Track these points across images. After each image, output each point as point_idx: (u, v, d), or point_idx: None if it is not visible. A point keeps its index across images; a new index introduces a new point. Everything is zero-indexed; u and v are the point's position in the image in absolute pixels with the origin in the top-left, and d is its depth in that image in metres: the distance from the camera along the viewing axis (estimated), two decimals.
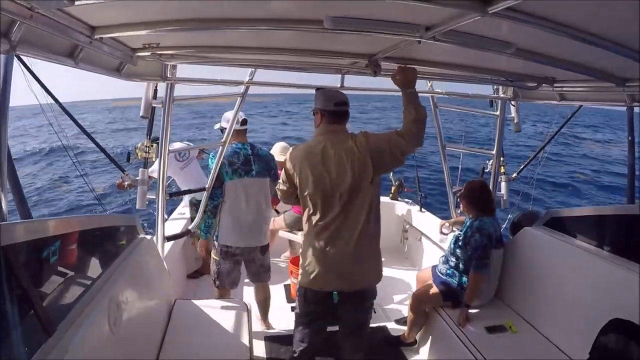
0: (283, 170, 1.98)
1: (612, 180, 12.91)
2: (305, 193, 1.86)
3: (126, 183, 4.15)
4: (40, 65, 1.89)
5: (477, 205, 2.62)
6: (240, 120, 2.75)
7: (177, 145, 3.96)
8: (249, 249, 2.77)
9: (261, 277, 2.93)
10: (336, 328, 2.08)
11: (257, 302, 3.03)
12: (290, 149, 2.00)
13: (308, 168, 1.85)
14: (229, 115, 2.78)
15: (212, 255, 2.80)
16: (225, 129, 2.75)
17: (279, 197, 2.08)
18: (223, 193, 2.72)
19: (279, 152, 3.72)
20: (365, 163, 1.82)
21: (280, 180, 2.03)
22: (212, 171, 2.70)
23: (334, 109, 1.92)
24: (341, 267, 1.88)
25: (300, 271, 1.98)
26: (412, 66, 1.96)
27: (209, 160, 2.75)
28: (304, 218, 1.95)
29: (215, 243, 2.77)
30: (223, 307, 2.56)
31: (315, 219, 1.87)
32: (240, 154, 2.72)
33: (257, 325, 3.01)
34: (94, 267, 1.64)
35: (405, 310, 2.86)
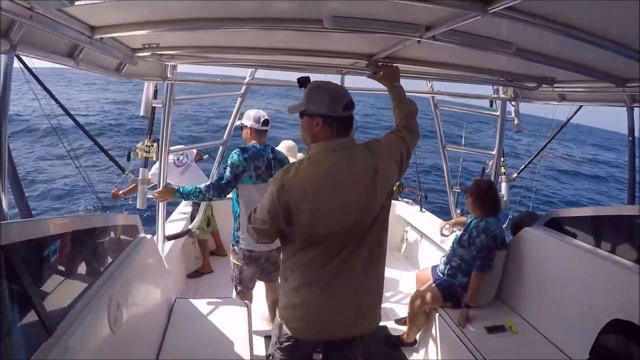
0: (267, 206, 1.45)
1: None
2: (316, 233, 1.43)
3: (121, 192, 4.19)
4: None
5: (484, 204, 2.61)
6: (262, 120, 2.60)
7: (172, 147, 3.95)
8: (269, 251, 2.70)
9: (272, 275, 2.89)
10: None
11: (269, 303, 3.00)
12: (284, 174, 1.44)
13: (325, 202, 1.41)
14: (250, 112, 2.65)
15: (234, 260, 2.74)
16: (246, 126, 2.62)
17: (252, 237, 1.61)
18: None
19: (285, 151, 3.65)
20: (391, 176, 1.53)
21: (261, 218, 1.49)
22: (230, 168, 2.45)
23: (343, 114, 1.46)
24: (366, 306, 1.57)
25: (295, 324, 1.57)
26: (397, 64, 1.93)
27: (234, 156, 2.49)
28: (302, 258, 1.50)
29: (236, 248, 2.66)
30: (223, 306, 2.56)
31: (327, 258, 1.46)
32: (264, 157, 2.56)
33: (262, 325, 3.01)
34: (94, 266, 1.64)
35: (405, 310, 2.86)
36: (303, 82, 1.56)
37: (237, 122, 2.81)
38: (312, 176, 1.42)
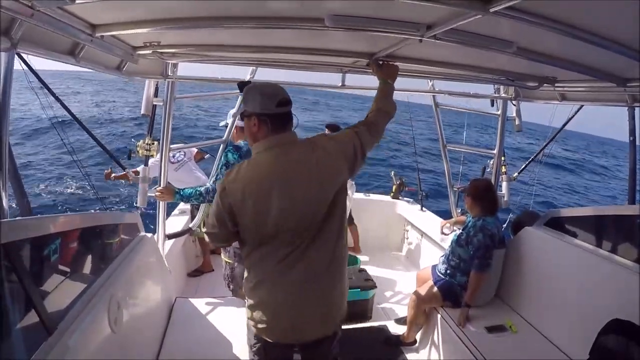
0: (214, 209, 1.48)
1: None
2: (262, 233, 1.43)
3: (113, 175, 4.16)
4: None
5: (482, 204, 2.61)
6: None
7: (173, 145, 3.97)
8: None
9: None
10: None
11: None
12: (226, 177, 1.45)
13: (264, 201, 1.38)
14: (234, 112, 2.70)
15: (225, 258, 2.74)
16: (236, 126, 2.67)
17: (210, 242, 1.62)
18: None
19: None
20: (341, 172, 1.48)
21: (211, 222, 1.50)
22: (226, 167, 2.38)
23: (276, 111, 1.43)
24: (324, 308, 1.54)
25: (259, 326, 1.54)
26: (397, 63, 1.93)
27: (229, 155, 2.47)
28: (254, 260, 1.50)
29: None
30: (223, 305, 2.57)
31: (278, 258, 1.44)
32: None
33: None
34: (95, 265, 1.64)
35: (405, 310, 2.86)
36: (242, 86, 1.56)
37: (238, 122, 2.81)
38: (251, 176, 1.41)
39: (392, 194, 4.83)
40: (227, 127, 2.79)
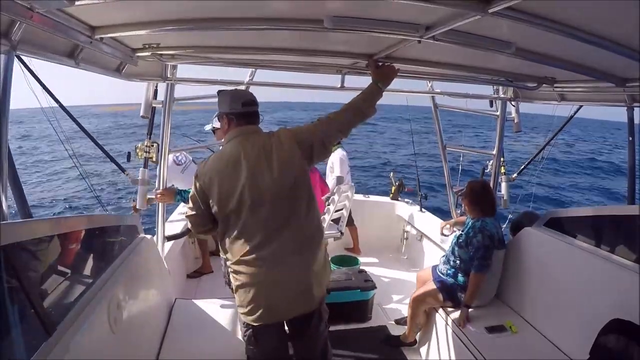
0: (191, 194, 1.70)
1: None
2: (228, 211, 1.59)
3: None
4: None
5: (480, 205, 2.61)
6: None
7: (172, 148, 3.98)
8: None
9: None
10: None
11: None
12: (199, 165, 1.70)
13: (228, 180, 1.58)
14: None
15: (224, 257, 2.74)
16: (218, 129, 2.71)
17: (190, 228, 1.79)
18: None
19: None
20: (294, 158, 1.62)
21: (190, 206, 1.72)
22: None
23: (242, 110, 1.69)
24: (300, 285, 1.64)
25: (244, 310, 1.66)
26: (398, 66, 1.93)
27: None
28: (228, 242, 1.65)
29: None
30: (223, 307, 2.56)
31: (248, 237, 1.59)
32: None
33: None
34: (94, 266, 1.64)
35: (405, 310, 2.87)
36: (219, 92, 1.80)
37: None
38: (218, 161, 1.63)
39: (391, 195, 4.83)
40: (213, 130, 2.87)
